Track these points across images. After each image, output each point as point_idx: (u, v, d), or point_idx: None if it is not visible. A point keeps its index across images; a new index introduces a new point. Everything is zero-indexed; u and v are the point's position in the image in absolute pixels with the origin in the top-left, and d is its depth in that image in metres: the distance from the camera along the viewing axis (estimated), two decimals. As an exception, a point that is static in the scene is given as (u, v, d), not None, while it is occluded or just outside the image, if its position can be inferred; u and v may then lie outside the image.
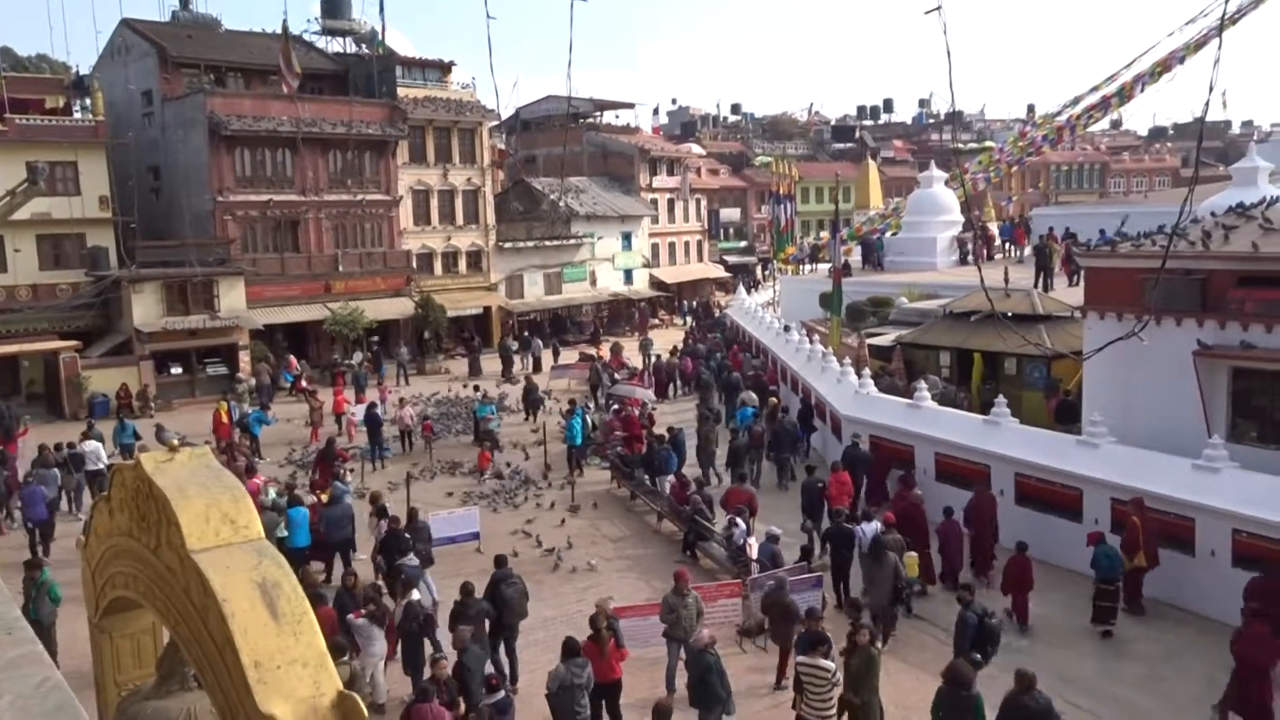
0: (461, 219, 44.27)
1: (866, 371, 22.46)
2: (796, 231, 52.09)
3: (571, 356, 37.79)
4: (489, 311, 44.50)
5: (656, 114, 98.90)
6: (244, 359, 34.15)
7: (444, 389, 33.06)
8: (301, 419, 28.06)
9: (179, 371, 33.61)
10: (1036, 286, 27.75)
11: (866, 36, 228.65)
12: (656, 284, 55.31)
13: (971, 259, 35.38)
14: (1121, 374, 17.46)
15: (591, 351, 37.69)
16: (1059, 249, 31.64)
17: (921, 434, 18.73)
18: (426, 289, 40.98)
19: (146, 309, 33.23)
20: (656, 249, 56.84)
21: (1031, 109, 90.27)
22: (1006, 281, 25.55)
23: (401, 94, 41.89)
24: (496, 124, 52.86)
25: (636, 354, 36.99)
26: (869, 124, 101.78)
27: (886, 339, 26.80)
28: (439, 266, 43.54)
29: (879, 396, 20.92)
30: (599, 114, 61.56)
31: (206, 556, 2.57)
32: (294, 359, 35.45)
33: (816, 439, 23.27)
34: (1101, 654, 13.17)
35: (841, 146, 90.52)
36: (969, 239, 39.77)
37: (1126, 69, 39.01)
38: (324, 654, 2.48)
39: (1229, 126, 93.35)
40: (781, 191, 44.86)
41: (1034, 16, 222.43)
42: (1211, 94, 13.18)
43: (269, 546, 2.70)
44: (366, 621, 11.82)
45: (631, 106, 68.57)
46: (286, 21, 40.08)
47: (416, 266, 41.94)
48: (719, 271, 62.25)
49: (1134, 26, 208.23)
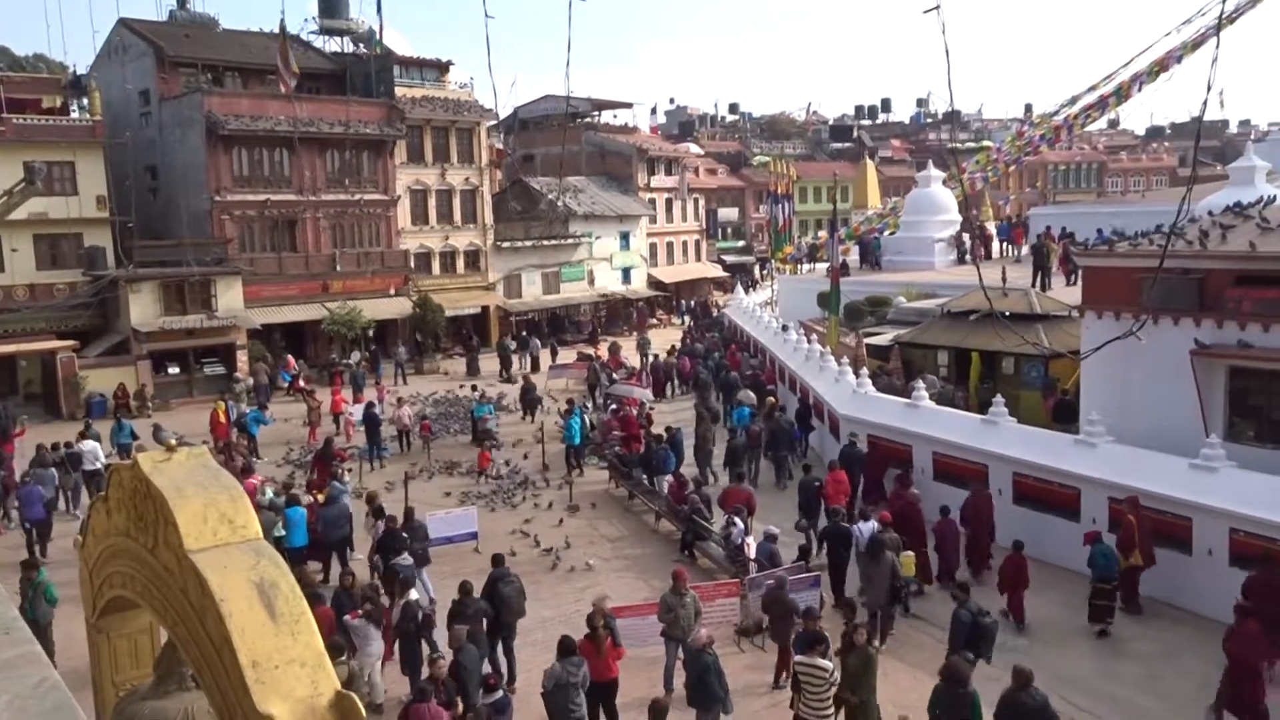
0: (459, 219, 44.24)
1: (864, 371, 22.46)
2: (794, 231, 52.03)
3: (569, 356, 37.79)
4: (487, 311, 44.48)
5: (654, 113, 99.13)
6: (241, 359, 34.13)
7: (442, 389, 33.07)
8: (299, 419, 28.06)
9: (176, 371, 33.59)
10: (1034, 286, 27.80)
11: (864, 36, 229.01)
12: (654, 283, 55.31)
13: (969, 258, 35.40)
14: (1119, 373, 17.47)
15: (589, 351, 37.67)
16: (1056, 248, 31.68)
17: (919, 433, 18.74)
18: (424, 289, 40.95)
19: (144, 309, 33.21)
20: (654, 248, 56.84)
21: (1029, 108, 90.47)
22: (1004, 281, 25.57)
23: (399, 93, 41.87)
24: (494, 123, 52.80)
25: (634, 353, 36.99)
26: (867, 123, 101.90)
27: (884, 338, 26.80)
28: (437, 266, 43.53)
29: (877, 396, 20.93)
30: (597, 113, 61.51)
31: (204, 556, 2.57)
32: (291, 359, 35.46)
33: (815, 438, 23.28)
34: (1099, 653, 13.18)
35: (839, 146, 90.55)
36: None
37: (1124, 68, 39.10)
38: (322, 654, 2.48)
39: (1226, 126, 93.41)
40: (779, 191, 44.80)
41: (1032, 16, 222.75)
42: (1209, 93, 13.25)
43: (267, 546, 2.69)
44: (363, 621, 11.82)
45: (629, 106, 68.68)
46: (284, 21, 39.91)
47: (414, 266, 41.93)
48: (717, 271, 62.26)
49: (1132, 26, 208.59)
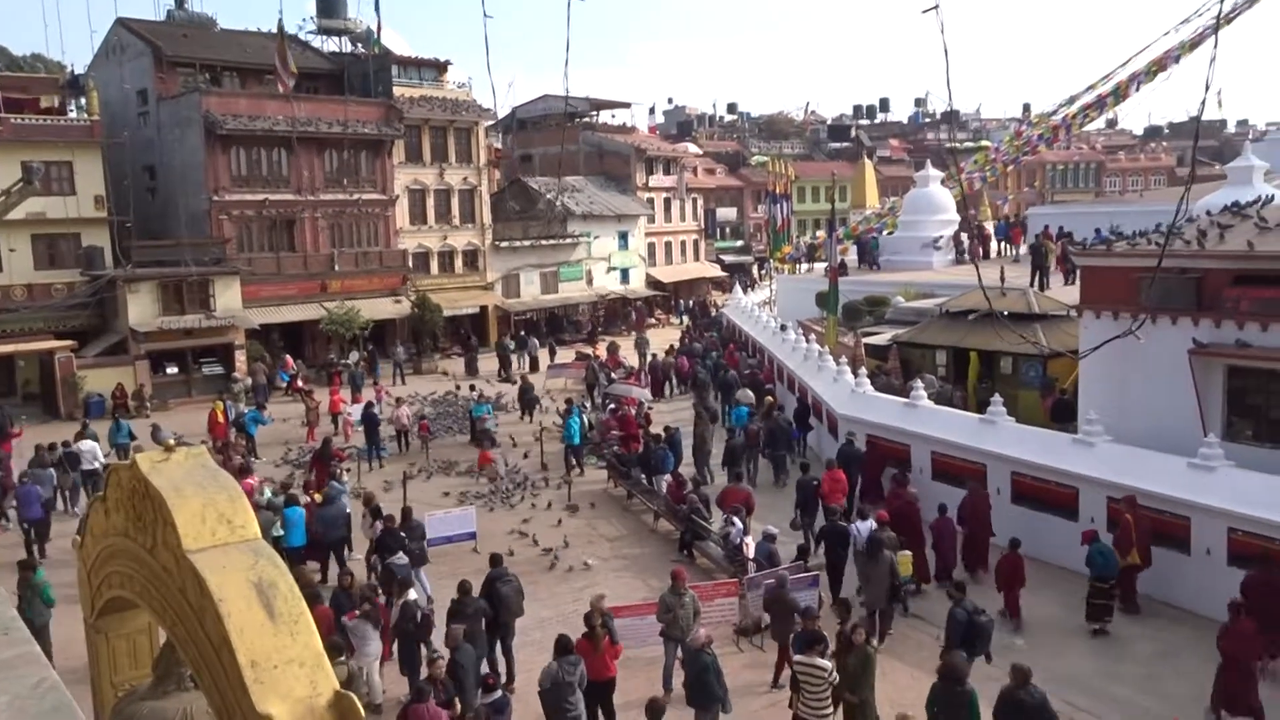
0: (458, 218, 44.23)
1: (862, 370, 22.47)
2: (793, 231, 51.99)
3: (568, 356, 37.77)
4: (485, 311, 44.45)
5: (653, 113, 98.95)
6: (240, 358, 34.11)
7: (441, 389, 33.05)
8: (297, 419, 28.06)
9: (175, 371, 33.57)
10: (1032, 285, 27.81)
11: (863, 36, 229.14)
12: (653, 283, 55.29)
13: (968, 258, 35.41)
14: (1117, 373, 17.49)
15: (588, 351, 37.68)
16: (1054, 248, 31.69)
17: (918, 433, 18.75)
18: (423, 288, 40.91)
19: (142, 309, 33.19)
20: (653, 248, 56.82)
21: (1027, 108, 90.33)
22: (1002, 281, 25.58)
23: (397, 93, 41.85)
24: (493, 123, 52.82)
25: (633, 353, 36.99)
26: (865, 123, 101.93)
27: (883, 338, 26.82)
28: (435, 266, 43.50)
29: (875, 395, 20.93)
30: (595, 113, 61.51)
31: (203, 556, 2.56)
32: (290, 358, 35.45)
33: (813, 438, 23.30)
34: (1097, 652, 13.19)
35: (838, 146, 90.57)
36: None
37: (1122, 68, 39.20)
38: (321, 654, 2.47)
39: (1224, 126, 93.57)
40: (778, 191, 44.81)
41: (1030, 16, 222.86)
42: (1207, 93, 13.31)
43: (265, 546, 2.69)
44: (361, 621, 11.82)
45: (628, 106, 68.86)
46: (282, 21, 39.89)
47: (412, 266, 41.91)
48: (715, 271, 62.26)
49: (1130, 26, 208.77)
